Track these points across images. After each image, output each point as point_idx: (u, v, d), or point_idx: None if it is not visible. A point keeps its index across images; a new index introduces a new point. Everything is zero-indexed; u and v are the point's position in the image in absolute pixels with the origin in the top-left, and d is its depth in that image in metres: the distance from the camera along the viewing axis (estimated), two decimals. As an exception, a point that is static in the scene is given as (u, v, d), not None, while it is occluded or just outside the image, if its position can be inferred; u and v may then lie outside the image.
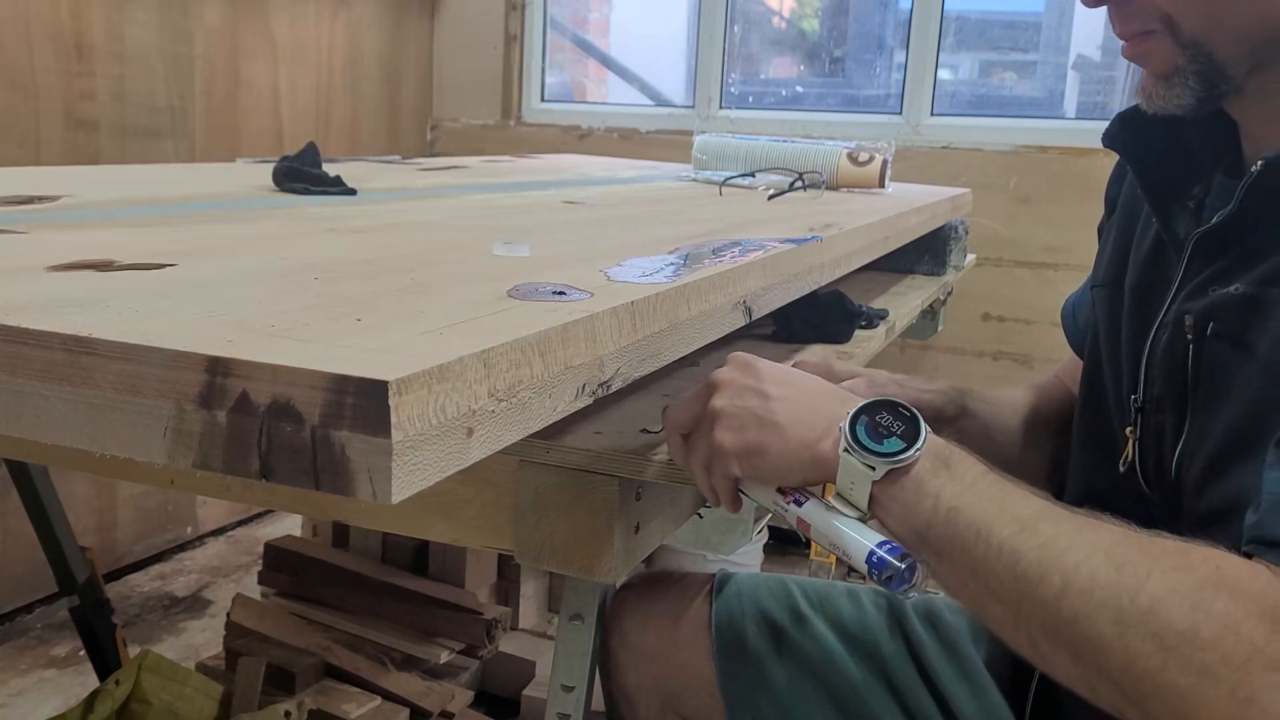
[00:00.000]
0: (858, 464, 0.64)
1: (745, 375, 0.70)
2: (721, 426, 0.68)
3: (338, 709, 1.67)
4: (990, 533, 0.60)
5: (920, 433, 0.64)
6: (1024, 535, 0.59)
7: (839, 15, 3.27)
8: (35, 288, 0.58)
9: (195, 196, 1.16)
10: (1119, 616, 0.54)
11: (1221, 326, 0.72)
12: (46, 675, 1.96)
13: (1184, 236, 0.80)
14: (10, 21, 1.96)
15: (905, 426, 0.64)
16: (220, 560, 2.50)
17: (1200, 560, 0.56)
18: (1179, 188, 0.83)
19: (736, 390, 0.69)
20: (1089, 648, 0.55)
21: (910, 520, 0.63)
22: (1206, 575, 0.55)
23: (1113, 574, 0.56)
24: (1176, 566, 0.55)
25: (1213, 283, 0.75)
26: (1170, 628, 0.53)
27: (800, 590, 1.00)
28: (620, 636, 0.96)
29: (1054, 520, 0.59)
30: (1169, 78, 0.74)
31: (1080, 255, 2.54)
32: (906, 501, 0.63)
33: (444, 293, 0.63)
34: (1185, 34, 0.71)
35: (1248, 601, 0.53)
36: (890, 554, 0.63)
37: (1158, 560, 0.56)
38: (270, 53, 2.60)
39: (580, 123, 3.10)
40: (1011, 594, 0.58)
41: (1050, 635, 0.57)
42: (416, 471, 0.44)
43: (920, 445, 0.63)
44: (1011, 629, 0.60)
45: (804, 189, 1.56)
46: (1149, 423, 0.80)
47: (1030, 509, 0.61)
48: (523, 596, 2.00)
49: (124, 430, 0.45)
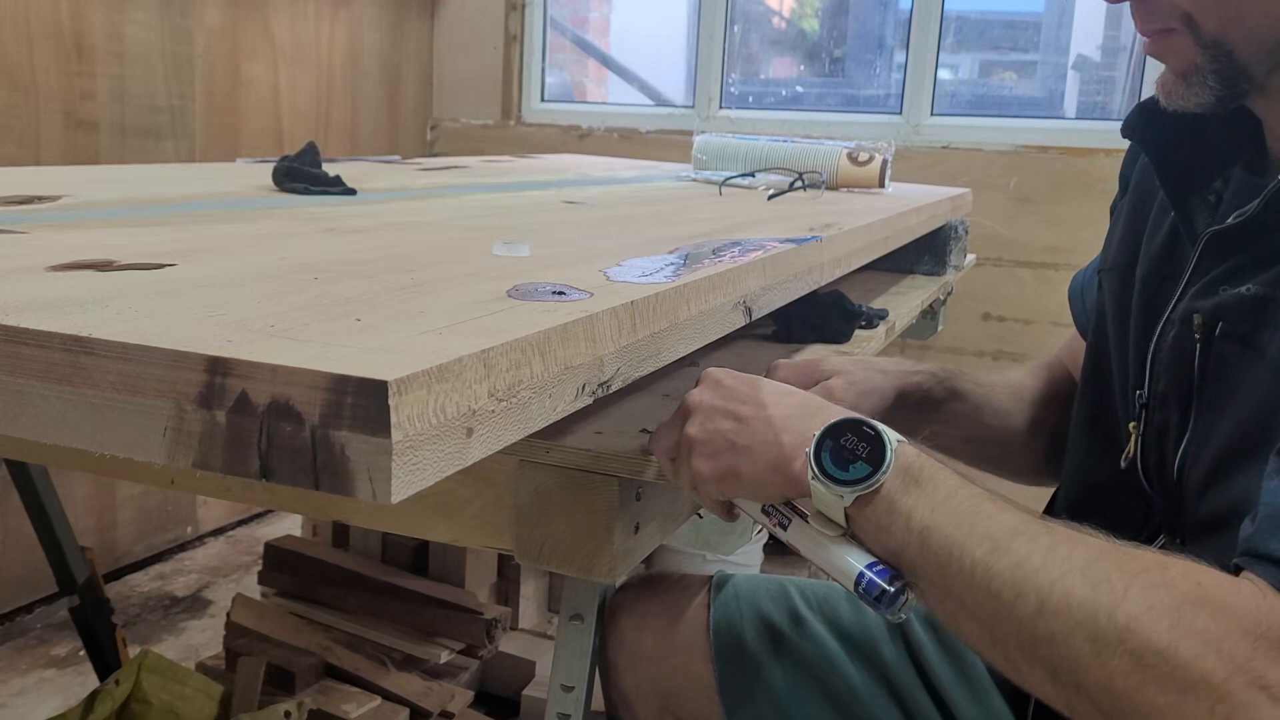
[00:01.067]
0: (827, 493, 0.63)
1: (716, 396, 0.69)
2: (697, 454, 0.67)
3: (338, 709, 1.67)
4: (963, 552, 0.58)
5: (886, 454, 0.62)
6: (997, 554, 0.58)
7: (839, 15, 3.27)
8: (35, 288, 0.58)
9: (195, 196, 1.16)
10: (1096, 634, 0.53)
11: (1231, 327, 0.72)
12: (46, 675, 1.96)
13: (1201, 231, 0.79)
14: (10, 21, 1.96)
15: (870, 448, 0.63)
16: (220, 560, 2.50)
17: (1180, 575, 0.55)
18: (1199, 181, 0.81)
19: (707, 413, 0.68)
20: (1066, 667, 0.55)
21: (884, 541, 0.62)
22: (1186, 591, 0.54)
23: (1088, 592, 0.54)
24: (1155, 583, 0.54)
25: (1223, 281, 0.74)
26: (1149, 646, 0.52)
27: (799, 592, 1.00)
28: (618, 638, 0.96)
29: (1028, 537, 0.58)
30: (1188, 76, 0.73)
31: (1080, 255, 2.53)
32: (879, 523, 0.62)
33: (444, 293, 0.63)
34: (1205, 33, 0.71)
35: (1229, 618, 0.52)
36: (879, 576, 0.62)
37: (1136, 577, 0.55)
38: (270, 52, 2.60)
39: (580, 123, 3.10)
40: (986, 613, 0.58)
41: (1027, 654, 0.56)
42: (416, 471, 0.44)
43: (885, 468, 0.62)
44: (989, 648, 0.59)
45: (804, 189, 1.56)
46: (1152, 419, 0.79)
47: (1003, 525, 0.59)
48: (523, 596, 2.00)
49: (124, 430, 0.45)
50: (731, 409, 0.68)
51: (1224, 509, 0.70)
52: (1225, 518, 0.69)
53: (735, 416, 0.67)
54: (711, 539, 0.86)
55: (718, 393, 0.69)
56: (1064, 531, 0.59)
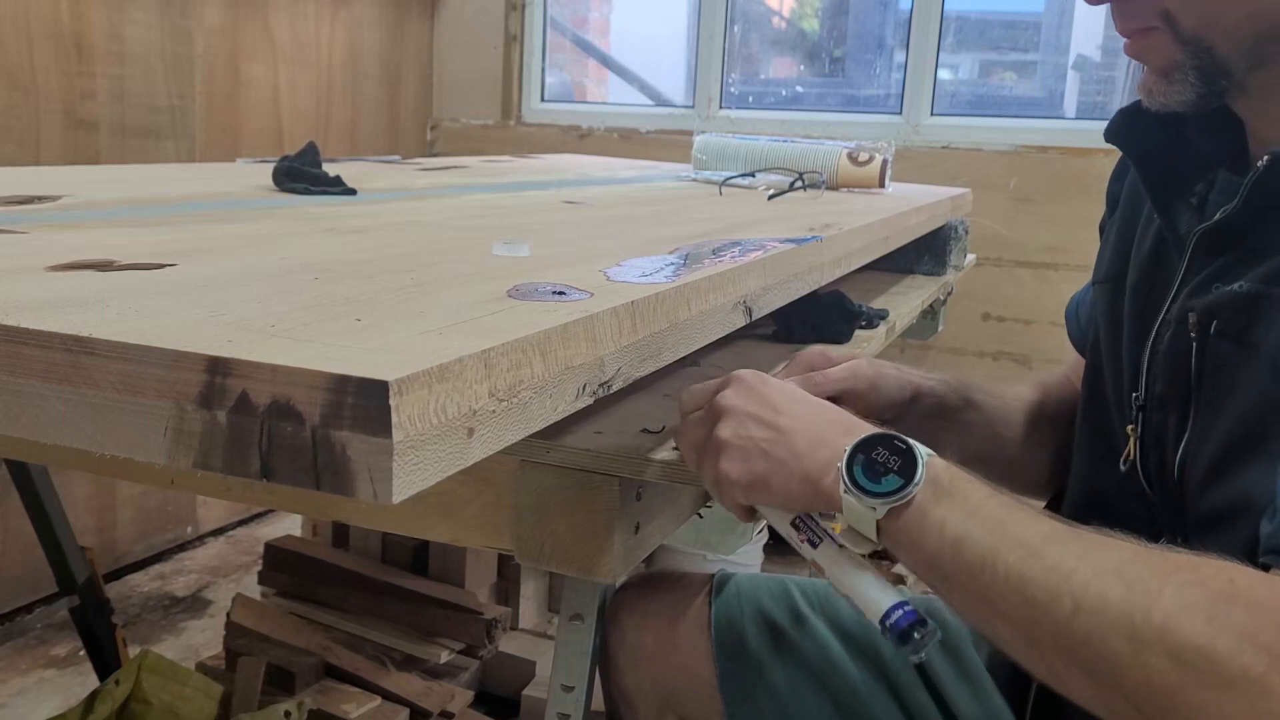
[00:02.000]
0: (859, 505, 0.64)
1: (749, 402, 0.69)
2: (727, 457, 0.68)
3: (338, 709, 1.67)
4: (997, 559, 0.59)
5: (917, 466, 0.63)
6: (1031, 560, 0.58)
7: (839, 15, 3.27)
8: (35, 288, 0.58)
9: (195, 196, 1.16)
10: (1133, 634, 0.54)
11: (1225, 325, 0.72)
12: (46, 675, 1.96)
13: (1185, 233, 0.79)
14: (10, 21, 1.96)
15: (902, 460, 0.63)
16: (220, 560, 2.50)
17: (1213, 574, 0.55)
18: (1181, 184, 0.82)
19: (741, 419, 0.68)
20: (1104, 667, 0.55)
21: (917, 551, 0.63)
22: (1220, 589, 0.54)
23: (1124, 592, 0.55)
24: (1189, 581, 0.55)
25: (1216, 280, 0.74)
26: (1187, 643, 0.53)
27: (800, 591, 1.00)
28: (619, 637, 0.96)
29: (1061, 542, 0.59)
30: (1169, 74, 0.74)
31: (1080, 255, 2.54)
32: (911, 534, 0.63)
33: (444, 293, 0.63)
34: (1184, 30, 0.72)
35: (1264, 613, 0.53)
36: (905, 618, 0.63)
37: (1169, 576, 0.55)
38: (270, 52, 2.60)
39: (580, 123, 3.10)
40: (1022, 618, 0.58)
41: (1064, 656, 0.57)
42: (417, 471, 0.44)
43: (918, 480, 0.63)
44: (1025, 651, 0.60)
45: (804, 189, 1.56)
46: (1150, 421, 0.80)
47: (1036, 531, 0.60)
48: (523, 596, 2.00)
49: (124, 430, 0.45)
50: (766, 417, 0.68)
51: (1225, 506, 0.70)
52: (1226, 514, 0.70)
53: (770, 425, 0.68)
54: (712, 539, 0.86)
55: (751, 398, 0.69)
56: (1095, 536, 0.60)
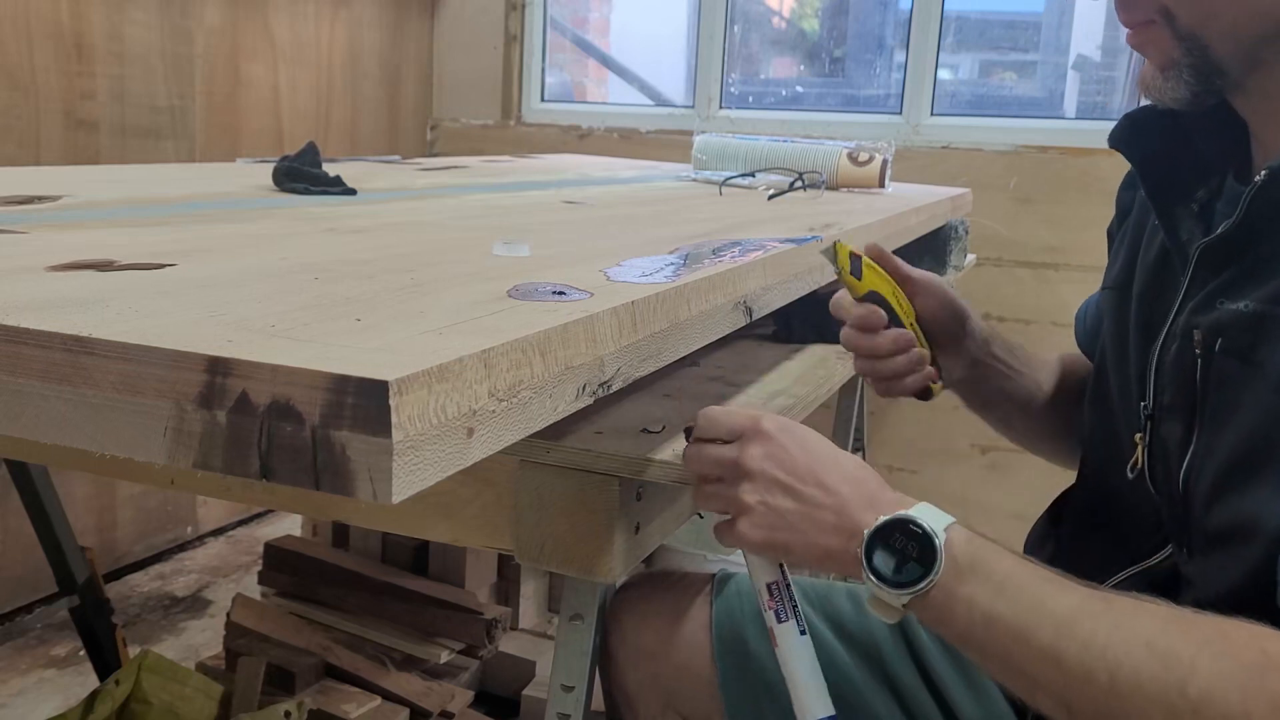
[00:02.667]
0: (880, 591, 0.65)
1: (776, 466, 0.69)
2: (749, 521, 0.68)
3: (338, 709, 1.67)
4: (1029, 637, 0.60)
5: (936, 555, 0.63)
6: (1063, 637, 0.59)
7: (839, 15, 3.27)
8: (35, 288, 0.58)
9: (195, 196, 1.16)
10: (1171, 711, 0.55)
11: (1230, 343, 0.72)
12: (46, 675, 1.96)
13: (1186, 241, 0.79)
14: (10, 21, 1.96)
15: (920, 547, 0.64)
16: (220, 560, 2.50)
17: (1244, 644, 0.56)
18: (1183, 190, 0.82)
19: (767, 486, 0.68)
20: None
21: (947, 628, 0.64)
22: (1253, 660, 0.55)
23: (1158, 669, 0.56)
24: (1221, 653, 0.56)
25: (1220, 295, 0.74)
26: (1224, 717, 0.54)
27: (800, 591, 1.00)
28: (620, 636, 0.96)
29: (1092, 616, 0.60)
30: (1166, 70, 0.74)
31: (1080, 255, 2.54)
32: (939, 613, 0.64)
33: (444, 293, 0.63)
34: (1181, 26, 0.72)
35: None
36: None
37: (1201, 648, 0.56)
38: (270, 52, 2.60)
39: (580, 123, 3.10)
40: (1059, 689, 0.59)
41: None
42: (417, 471, 0.44)
43: (937, 570, 0.63)
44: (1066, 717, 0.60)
45: (804, 189, 1.56)
46: (1158, 430, 0.80)
47: (1066, 605, 0.61)
48: (523, 596, 2.00)
49: (124, 430, 0.45)
50: (793, 486, 0.68)
51: (1232, 526, 0.70)
52: (1234, 535, 0.70)
53: (795, 496, 0.68)
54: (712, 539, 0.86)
55: (777, 463, 0.69)
56: (1125, 604, 0.60)
